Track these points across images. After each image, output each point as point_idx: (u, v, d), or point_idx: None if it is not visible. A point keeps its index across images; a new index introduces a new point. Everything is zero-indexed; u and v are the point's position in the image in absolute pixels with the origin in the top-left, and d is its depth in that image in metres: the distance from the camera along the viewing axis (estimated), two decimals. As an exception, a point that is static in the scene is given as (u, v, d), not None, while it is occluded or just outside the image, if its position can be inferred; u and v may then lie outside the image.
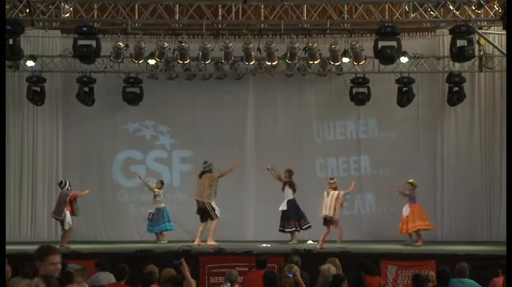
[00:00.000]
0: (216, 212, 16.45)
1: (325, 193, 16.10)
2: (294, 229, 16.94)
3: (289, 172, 17.09)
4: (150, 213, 17.29)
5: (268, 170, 16.95)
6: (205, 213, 16.51)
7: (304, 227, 16.98)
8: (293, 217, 16.95)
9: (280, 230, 17.00)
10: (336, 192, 16.00)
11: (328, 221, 15.89)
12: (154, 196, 17.28)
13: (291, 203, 16.99)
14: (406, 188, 16.72)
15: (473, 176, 18.39)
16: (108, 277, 10.44)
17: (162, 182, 17.52)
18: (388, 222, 17.54)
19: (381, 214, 17.88)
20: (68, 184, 16.35)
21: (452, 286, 10.22)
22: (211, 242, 16.13)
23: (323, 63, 17.60)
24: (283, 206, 16.93)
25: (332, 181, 16.31)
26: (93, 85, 18.06)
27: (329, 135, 19.16)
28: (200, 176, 16.67)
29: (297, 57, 16.95)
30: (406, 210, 16.61)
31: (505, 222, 15.50)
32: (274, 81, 18.73)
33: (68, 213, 16.05)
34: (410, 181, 16.82)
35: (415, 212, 16.63)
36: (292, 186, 17.04)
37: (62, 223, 16.08)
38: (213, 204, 16.48)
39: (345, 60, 17.01)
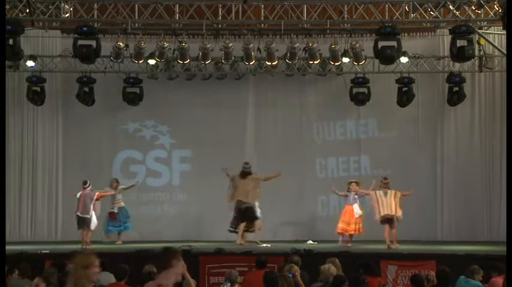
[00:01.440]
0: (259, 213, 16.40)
1: (382, 193, 15.87)
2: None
3: None
4: (112, 213, 17.07)
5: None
6: (248, 213, 16.35)
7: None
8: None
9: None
10: (394, 191, 15.81)
11: (389, 220, 15.77)
12: (114, 195, 17.10)
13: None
14: (352, 189, 16.38)
15: (473, 176, 18.39)
16: (108, 277, 10.44)
17: (117, 181, 17.36)
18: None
19: (381, 214, 17.84)
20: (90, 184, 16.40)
21: (458, 284, 10.33)
22: (261, 244, 16.09)
23: (323, 63, 17.60)
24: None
25: (386, 181, 16.06)
26: (93, 85, 18.04)
27: (329, 135, 19.16)
28: (244, 176, 16.46)
29: (297, 57, 16.96)
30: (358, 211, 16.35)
31: (505, 222, 15.49)
32: (274, 81, 18.72)
33: (93, 213, 16.10)
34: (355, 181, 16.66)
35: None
36: None
37: (88, 222, 16.05)
38: (258, 205, 16.41)
39: (345, 60, 17.01)
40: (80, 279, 5.50)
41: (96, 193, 16.22)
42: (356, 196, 16.24)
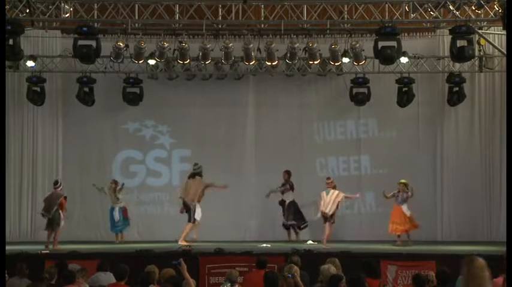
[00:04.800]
0: (196, 216, 16.48)
1: (325, 192, 16.41)
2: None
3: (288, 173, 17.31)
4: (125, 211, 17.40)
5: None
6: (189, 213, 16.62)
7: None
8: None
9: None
10: (337, 192, 16.38)
11: (324, 218, 16.30)
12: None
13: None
14: (400, 189, 16.64)
15: (473, 176, 18.39)
16: (108, 277, 10.43)
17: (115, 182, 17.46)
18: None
19: (381, 214, 17.84)
20: (61, 184, 16.42)
21: (457, 283, 10.32)
22: (182, 242, 16.09)
23: (323, 63, 17.60)
24: None
25: (329, 181, 16.67)
26: (93, 85, 18.06)
27: (329, 135, 19.16)
28: (193, 177, 16.71)
29: (297, 57, 16.96)
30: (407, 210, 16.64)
31: (505, 222, 15.49)
32: (274, 81, 18.72)
33: (61, 213, 16.10)
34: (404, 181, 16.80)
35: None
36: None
37: (51, 222, 16.06)
38: (198, 207, 16.53)
39: (345, 60, 17.01)
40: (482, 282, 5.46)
41: (63, 196, 16.25)
42: (405, 196, 16.47)
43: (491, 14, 15.61)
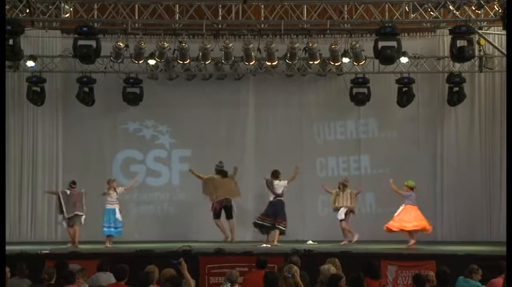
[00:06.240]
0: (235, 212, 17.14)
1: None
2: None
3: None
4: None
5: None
6: (230, 210, 17.04)
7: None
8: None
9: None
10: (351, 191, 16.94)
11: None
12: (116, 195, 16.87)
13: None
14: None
15: (473, 176, 18.39)
16: (108, 277, 10.44)
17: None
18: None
19: (381, 214, 17.85)
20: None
21: (457, 283, 10.32)
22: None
23: (323, 63, 17.61)
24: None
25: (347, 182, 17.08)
26: (93, 85, 18.06)
27: (329, 135, 19.17)
28: (225, 175, 17.03)
29: (297, 58, 16.97)
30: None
31: (505, 222, 15.48)
32: (274, 81, 18.73)
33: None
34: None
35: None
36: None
37: (80, 220, 16.23)
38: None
39: (345, 60, 17.02)
40: None
41: (83, 190, 16.39)
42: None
43: (491, 14, 15.63)
